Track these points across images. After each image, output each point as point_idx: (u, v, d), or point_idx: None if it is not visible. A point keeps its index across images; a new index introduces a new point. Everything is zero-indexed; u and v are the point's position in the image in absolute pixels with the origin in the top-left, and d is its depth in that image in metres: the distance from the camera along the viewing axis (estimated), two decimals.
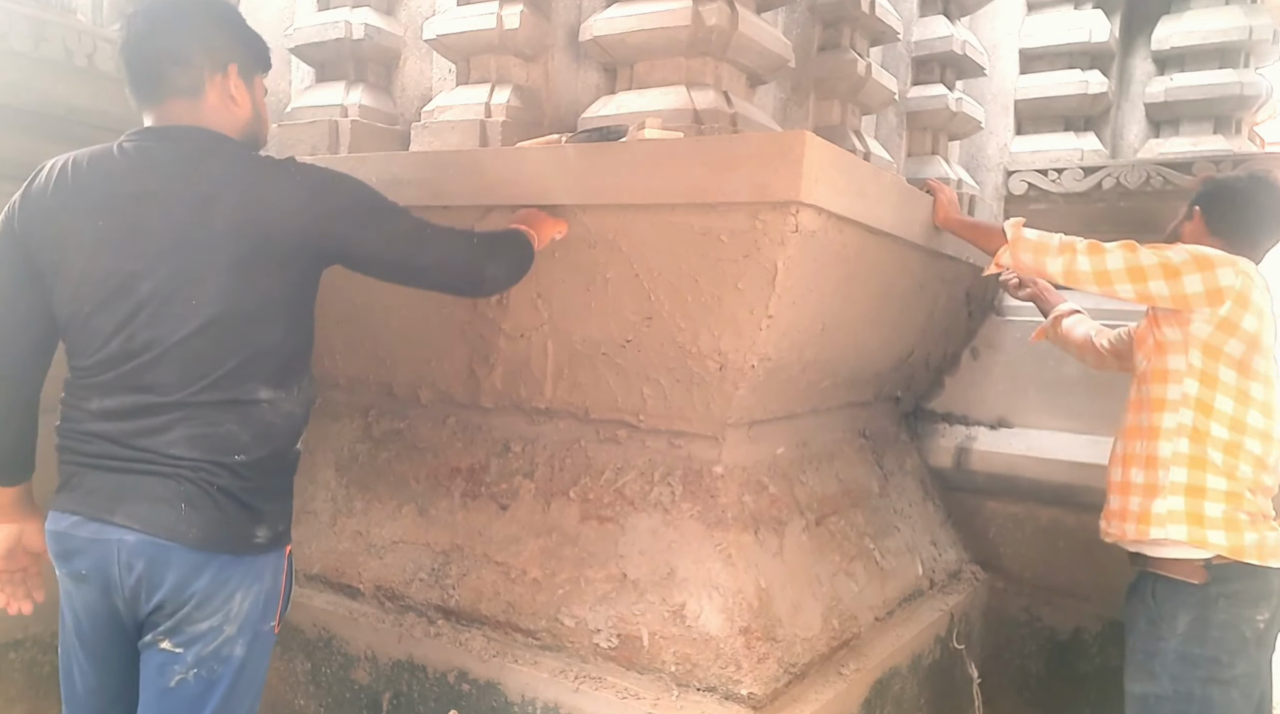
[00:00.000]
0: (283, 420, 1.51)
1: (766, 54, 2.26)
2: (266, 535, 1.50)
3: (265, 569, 1.51)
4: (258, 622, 1.50)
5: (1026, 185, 3.33)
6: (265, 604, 1.51)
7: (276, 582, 1.54)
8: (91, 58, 2.18)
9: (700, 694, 1.85)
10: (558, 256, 1.97)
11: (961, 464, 3.09)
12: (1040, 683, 3.00)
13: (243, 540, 1.47)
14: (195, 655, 1.45)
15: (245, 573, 1.48)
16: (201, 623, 1.44)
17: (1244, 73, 3.28)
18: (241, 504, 1.46)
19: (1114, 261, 1.92)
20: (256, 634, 1.51)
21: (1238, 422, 1.91)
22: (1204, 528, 1.89)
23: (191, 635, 1.44)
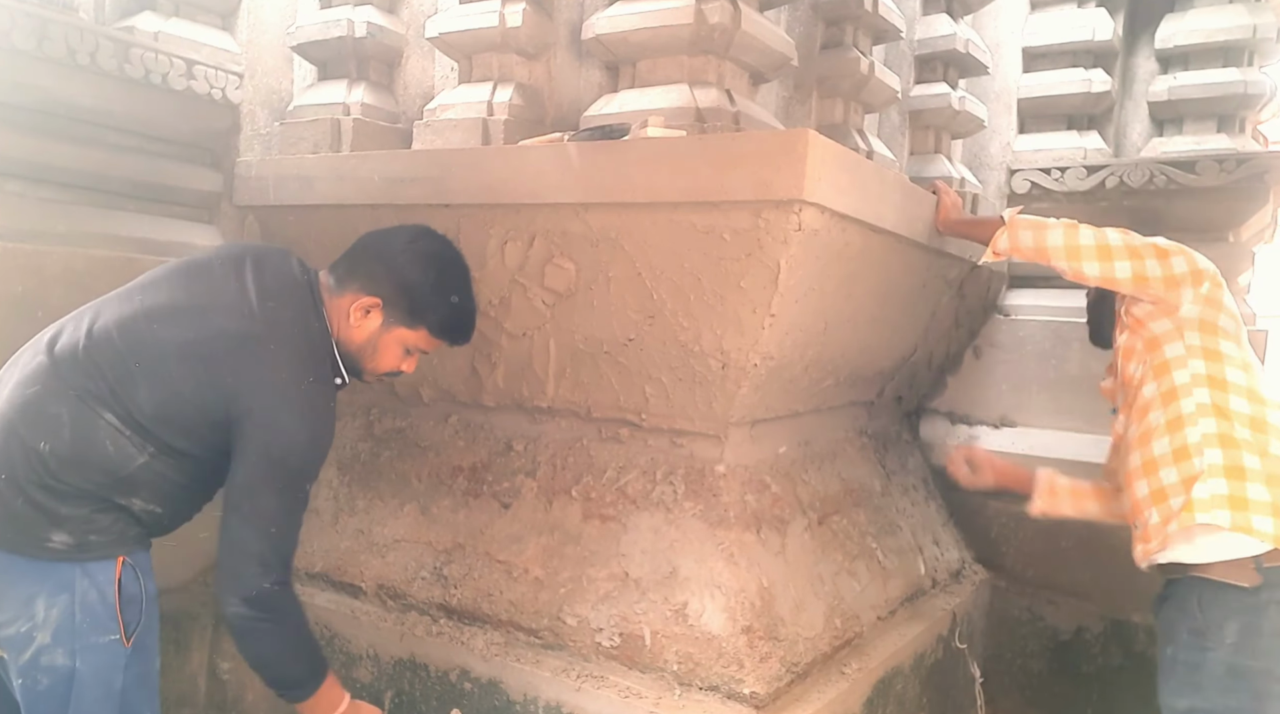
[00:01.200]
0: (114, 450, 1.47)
1: (769, 52, 2.26)
2: (67, 542, 1.44)
3: (74, 579, 1.45)
4: (85, 633, 1.45)
5: (1030, 184, 3.32)
6: (87, 616, 1.45)
7: (101, 593, 1.46)
8: (94, 56, 2.18)
9: (703, 693, 1.85)
10: (559, 257, 1.97)
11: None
12: (1042, 682, 2.99)
13: (31, 542, 1.44)
14: (17, 664, 1.45)
15: (42, 578, 1.44)
16: (8, 627, 1.44)
17: (1248, 71, 3.28)
18: (32, 503, 1.43)
19: (1114, 237, 1.91)
20: (89, 647, 1.45)
21: (1254, 393, 1.82)
22: (1249, 512, 1.71)
23: (6, 640, 1.45)
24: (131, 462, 1.48)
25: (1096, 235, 1.93)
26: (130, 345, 1.49)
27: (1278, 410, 1.83)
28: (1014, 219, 2.04)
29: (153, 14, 2.50)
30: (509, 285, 2.09)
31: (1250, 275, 3.36)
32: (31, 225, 2.13)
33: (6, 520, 1.43)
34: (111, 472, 1.47)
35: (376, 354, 1.68)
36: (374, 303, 1.63)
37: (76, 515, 1.45)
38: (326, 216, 2.29)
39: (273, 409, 1.50)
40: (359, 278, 1.65)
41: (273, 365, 1.52)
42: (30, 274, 2.08)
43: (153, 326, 1.51)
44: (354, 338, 1.65)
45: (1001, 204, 3.45)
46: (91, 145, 2.28)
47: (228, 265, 1.62)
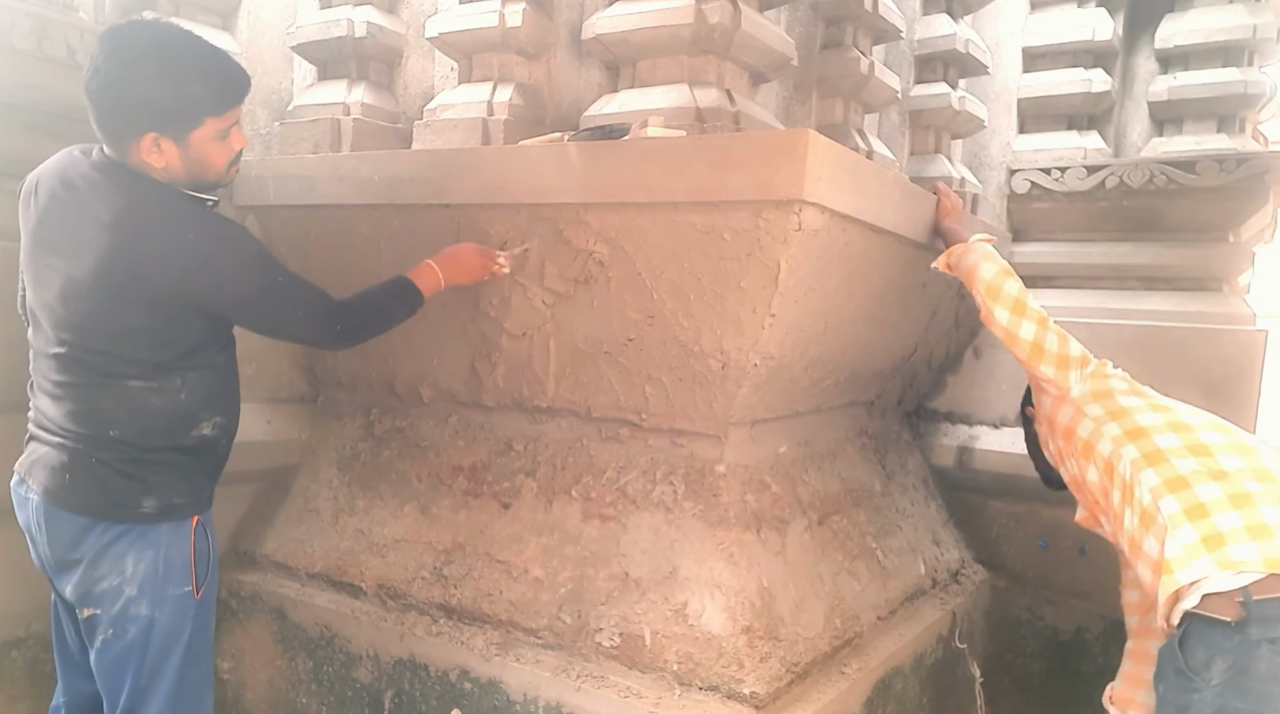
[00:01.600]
0: (161, 407, 1.64)
1: (769, 52, 2.26)
2: (156, 506, 1.65)
3: (159, 537, 1.66)
4: (162, 585, 1.65)
5: (1029, 184, 3.32)
6: (167, 569, 1.66)
7: (180, 549, 1.68)
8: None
9: (703, 693, 1.85)
10: (559, 257, 1.97)
11: (964, 463, 3.08)
12: (1042, 682, 3.00)
13: (126, 508, 1.63)
14: (108, 616, 1.64)
15: (135, 539, 1.64)
16: (100, 583, 1.63)
17: (1248, 71, 3.28)
18: (123, 475, 1.63)
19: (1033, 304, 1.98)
20: (164, 597, 1.66)
21: (1179, 424, 1.77)
22: (1225, 546, 1.57)
23: (98, 596, 1.64)
24: (177, 395, 1.65)
25: (1020, 292, 1.97)
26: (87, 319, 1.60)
27: (1212, 430, 1.77)
28: (973, 243, 2.08)
29: (153, 14, 2.50)
30: (509, 285, 2.09)
31: (1250, 275, 3.36)
32: None
33: (105, 494, 1.62)
34: (171, 414, 1.65)
35: (203, 163, 1.65)
36: (151, 139, 1.59)
37: (164, 483, 1.66)
38: (327, 216, 2.29)
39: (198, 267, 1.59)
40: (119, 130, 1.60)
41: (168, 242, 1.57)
42: None
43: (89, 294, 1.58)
44: (175, 170, 1.63)
45: (1001, 204, 3.45)
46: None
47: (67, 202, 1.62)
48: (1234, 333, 2.87)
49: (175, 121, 1.60)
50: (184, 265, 1.58)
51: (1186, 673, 1.63)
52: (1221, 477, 1.66)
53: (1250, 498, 1.61)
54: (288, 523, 2.51)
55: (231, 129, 1.68)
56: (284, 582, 2.39)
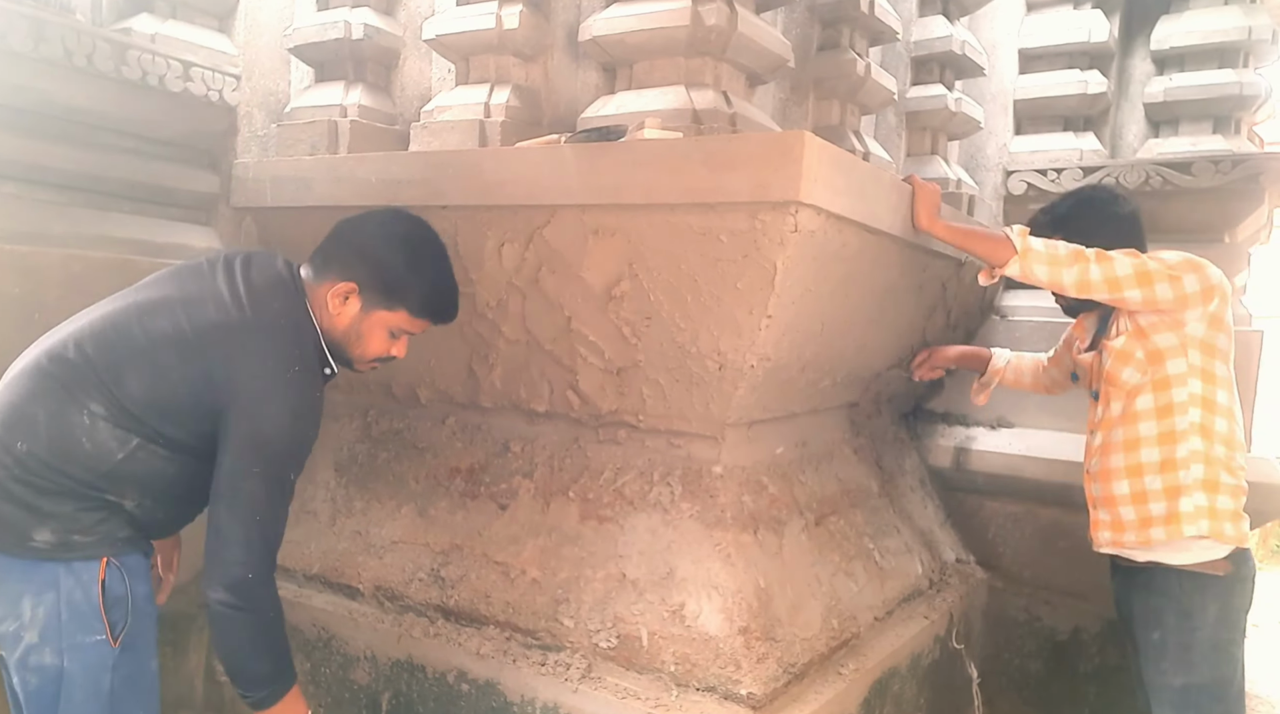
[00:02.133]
0: (95, 447, 1.48)
1: (766, 54, 2.26)
2: (49, 541, 1.46)
3: (58, 578, 1.47)
4: (70, 633, 1.47)
5: (1026, 185, 3.33)
6: (73, 616, 1.47)
7: (86, 593, 1.47)
8: (91, 58, 2.18)
9: (700, 694, 1.85)
10: (559, 257, 1.97)
11: (961, 464, 3.09)
12: (1039, 683, 3.00)
13: (15, 541, 1.46)
14: (12, 661, 1.48)
15: (28, 578, 1.46)
16: (1, 624, 1.47)
17: (1243, 73, 3.28)
18: (17, 502, 1.45)
19: (1123, 268, 1.96)
20: (75, 646, 1.47)
21: (1230, 412, 2.00)
22: (1220, 521, 1.95)
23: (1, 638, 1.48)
24: (111, 456, 1.50)
25: (1104, 269, 1.96)
26: (119, 336, 1.53)
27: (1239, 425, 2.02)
28: (1028, 249, 2.01)
29: (150, 16, 2.50)
30: (506, 287, 2.10)
31: (1246, 276, 3.37)
32: (28, 227, 2.13)
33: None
34: (92, 468, 1.49)
35: (361, 340, 1.68)
36: (350, 288, 1.63)
37: (60, 513, 1.47)
38: (324, 218, 2.27)
39: (258, 396, 1.51)
40: (334, 265, 1.66)
41: (258, 354, 1.53)
42: (27, 276, 2.08)
43: (141, 319, 1.55)
44: (336, 325, 1.66)
45: (998, 205, 3.45)
46: (88, 147, 2.28)
47: (217, 264, 1.65)
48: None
49: (381, 292, 1.64)
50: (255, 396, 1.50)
51: (1189, 614, 1.98)
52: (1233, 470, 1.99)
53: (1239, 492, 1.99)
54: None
55: (404, 338, 1.71)
56: (281, 583, 2.35)
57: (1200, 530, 1.94)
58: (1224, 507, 1.96)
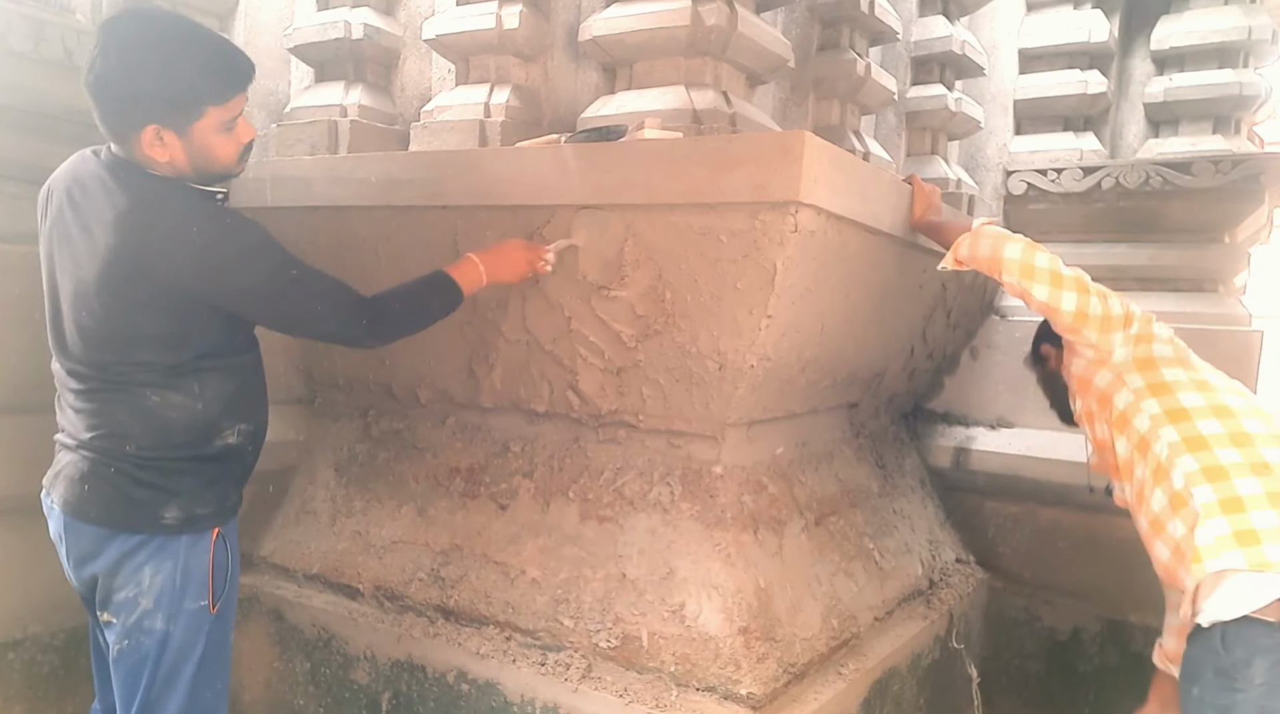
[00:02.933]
0: (179, 415, 1.59)
1: (766, 54, 2.26)
2: (178, 516, 1.60)
3: (179, 549, 1.61)
4: (179, 599, 1.60)
5: (1026, 185, 3.33)
6: (184, 583, 1.61)
7: (199, 562, 1.63)
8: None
9: (700, 694, 1.85)
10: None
11: (961, 464, 3.09)
12: (1039, 683, 3.00)
13: (147, 520, 1.59)
14: (123, 626, 1.60)
15: (154, 551, 1.59)
16: (118, 593, 1.59)
17: (1243, 73, 3.29)
18: (145, 485, 1.59)
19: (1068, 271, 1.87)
20: (180, 611, 1.61)
21: (1221, 408, 1.73)
22: (1260, 545, 1.56)
23: (115, 606, 1.60)
24: (193, 407, 1.60)
25: (1052, 261, 1.88)
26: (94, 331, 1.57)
27: (1254, 416, 1.73)
28: (980, 228, 1.96)
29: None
30: (506, 289, 2.10)
31: (1246, 276, 3.37)
32: (29, 227, 2.12)
33: (125, 504, 1.58)
34: (189, 428, 1.61)
35: (210, 154, 1.60)
36: (151, 131, 1.54)
37: (184, 490, 1.61)
38: (324, 218, 2.29)
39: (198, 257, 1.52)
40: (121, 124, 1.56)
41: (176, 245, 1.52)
42: (28, 275, 2.08)
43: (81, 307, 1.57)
44: (178, 162, 1.58)
45: (998, 205, 3.46)
46: (89, 147, 2.28)
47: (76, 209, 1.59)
48: (1230, 333, 2.88)
49: (175, 112, 1.53)
50: (189, 258, 1.51)
51: (1229, 672, 1.59)
52: (1263, 471, 1.62)
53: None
54: (285, 525, 2.51)
55: (237, 119, 1.62)
56: (281, 583, 2.39)
57: (1229, 564, 1.56)
58: (1265, 525, 1.56)
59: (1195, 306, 3.06)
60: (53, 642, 2.26)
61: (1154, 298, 3.15)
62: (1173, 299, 3.11)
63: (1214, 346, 2.85)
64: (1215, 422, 1.71)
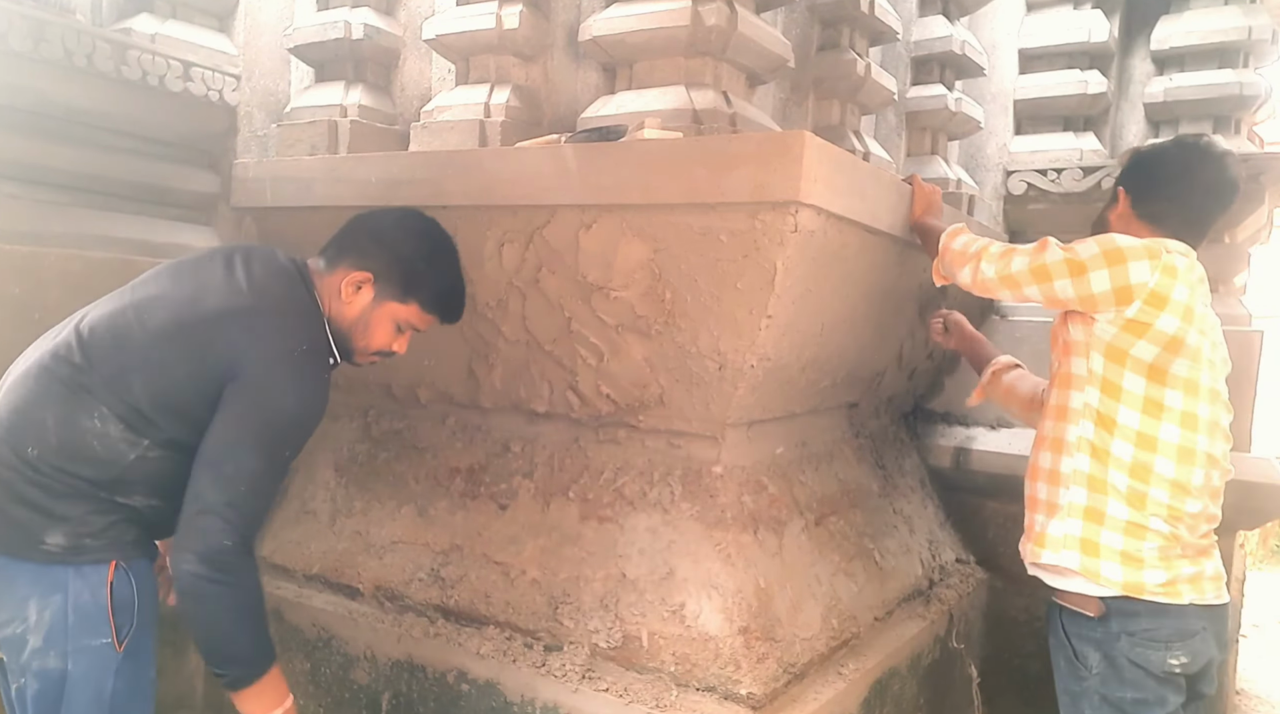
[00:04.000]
0: (105, 451, 1.47)
1: (766, 54, 2.26)
2: (61, 545, 1.45)
3: (67, 581, 1.45)
4: (76, 636, 1.45)
5: (1026, 185, 3.33)
6: (78, 618, 1.45)
7: (94, 596, 1.46)
8: (90, 58, 2.18)
9: (700, 694, 1.85)
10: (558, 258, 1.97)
11: (961, 464, 3.09)
12: (1040, 683, 2.99)
13: (26, 545, 1.44)
14: (14, 664, 1.46)
15: (36, 581, 1.44)
16: (4, 628, 1.45)
17: (1243, 73, 3.29)
18: (27, 504, 1.44)
19: (1019, 263, 1.76)
20: (80, 648, 1.46)
21: (1146, 438, 1.69)
22: (1098, 559, 1.70)
23: (3, 641, 1.46)
24: (123, 458, 1.48)
25: (1000, 266, 1.78)
26: (120, 337, 1.51)
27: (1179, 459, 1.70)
28: (944, 249, 1.93)
29: (150, 16, 2.50)
30: (506, 288, 2.10)
31: (1246, 276, 3.37)
32: (29, 227, 2.13)
33: (3, 524, 1.44)
34: (103, 470, 1.48)
35: (369, 330, 1.68)
36: (365, 278, 1.65)
37: (71, 515, 1.46)
38: (324, 218, 2.28)
39: (265, 372, 1.50)
40: (350, 255, 1.67)
41: (265, 333, 1.53)
42: (27, 276, 2.08)
43: (140, 317, 1.53)
44: (346, 314, 1.66)
45: (998, 205, 3.46)
46: (88, 147, 2.28)
47: (217, 258, 1.65)
48: (1230, 334, 2.85)
49: (397, 284, 1.65)
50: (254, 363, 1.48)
51: (1074, 662, 1.79)
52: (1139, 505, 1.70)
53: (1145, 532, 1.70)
54: (285, 525, 2.51)
55: (408, 333, 1.71)
56: (281, 583, 2.39)
57: (1063, 562, 1.72)
58: (1110, 545, 1.69)
59: None
60: None
61: None
62: None
63: None
64: (1131, 447, 1.70)
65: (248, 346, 1.50)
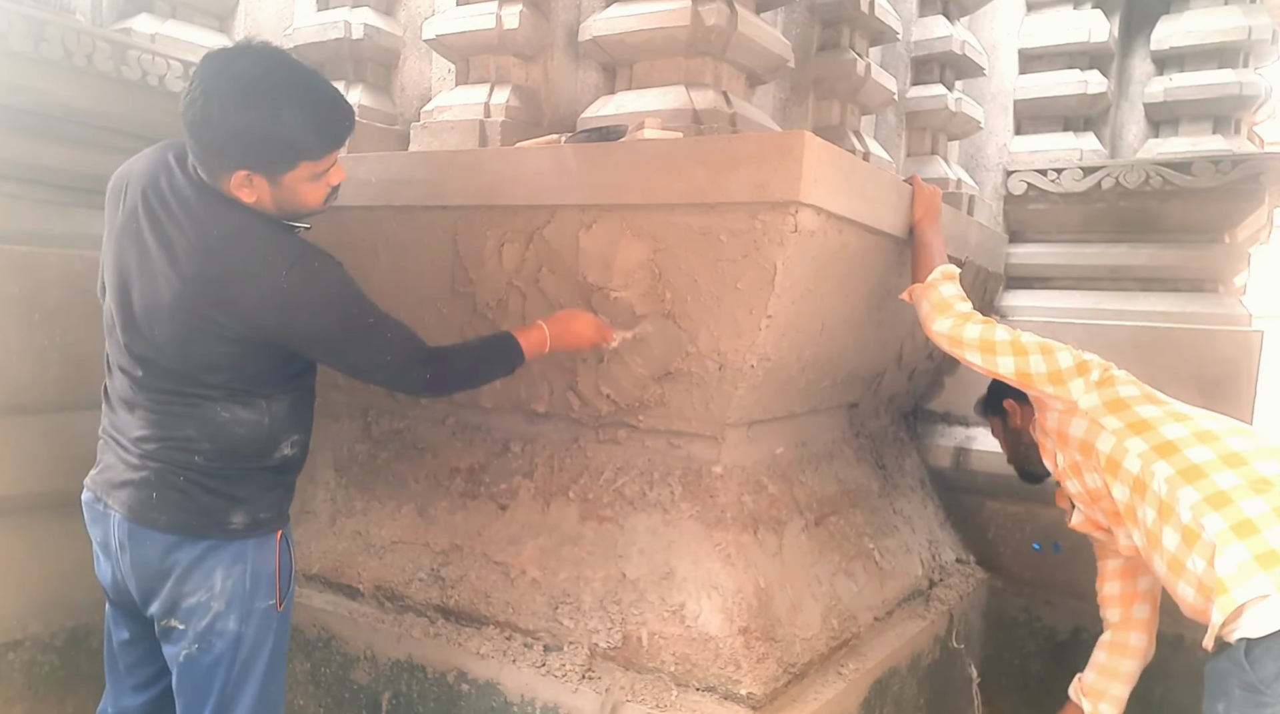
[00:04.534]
0: (245, 430, 1.62)
1: (766, 54, 2.26)
2: (244, 521, 1.64)
3: (247, 551, 1.64)
4: (249, 599, 1.64)
5: (1026, 185, 3.33)
6: (254, 583, 1.65)
7: (266, 563, 1.67)
8: (90, 58, 2.18)
9: (700, 694, 1.85)
10: (558, 258, 1.97)
11: (961, 464, 3.09)
12: (1040, 683, 3.00)
13: (215, 526, 1.62)
14: (194, 631, 1.62)
15: (223, 554, 1.62)
16: (189, 598, 1.61)
17: (1243, 73, 3.28)
18: (213, 492, 1.61)
19: (1000, 334, 1.91)
20: (252, 611, 1.65)
21: (1205, 433, 1.73)
22: None
23: (185, 611, 1.61)
24: (261, 427, 1.63)
25: (983, 332, 1.92)
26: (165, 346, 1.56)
27: (1236, 434, 1.74)
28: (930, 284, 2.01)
29: (150, 16, 2.50)
30: (505, 288, 2.10)
31: (1246, 276, 3.37)
32: (29, 227, 2.13)
33: (194, 511, 1.60)
34: (252, 441, 1.63)
35: (296, 200, 1.61)
36: (241, 175, 1.53)
37: (248, 496, 1.64)
38: (323, 218, 2.28)
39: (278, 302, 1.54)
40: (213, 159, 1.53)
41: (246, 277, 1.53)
42: (27, 276, 2.09)
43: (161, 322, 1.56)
44: (264, 204, 1.58)
45: (998, 205, 3.46)
46: (89, 147, 2.28)
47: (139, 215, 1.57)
48: (1230, 334, 2.88)
49: (269, 163, 1.54)
50: (272, 301, 1.53)
51: (1256, 687, 1.60)
52: (1263, 487, 1.63)
53: None
54: None
55: (330, 169, 1.63)
56: None
57: (1259, 590, 1.55)
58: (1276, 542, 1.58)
59: (1195, 306, 3.06)
60: (53, 641, 2.25)
61: (1154, 297, 3.15)
62: (1172, 299, 3.11)
63: (1214, 346, 2.87)
64: (1204, 448, 1.70)
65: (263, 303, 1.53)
